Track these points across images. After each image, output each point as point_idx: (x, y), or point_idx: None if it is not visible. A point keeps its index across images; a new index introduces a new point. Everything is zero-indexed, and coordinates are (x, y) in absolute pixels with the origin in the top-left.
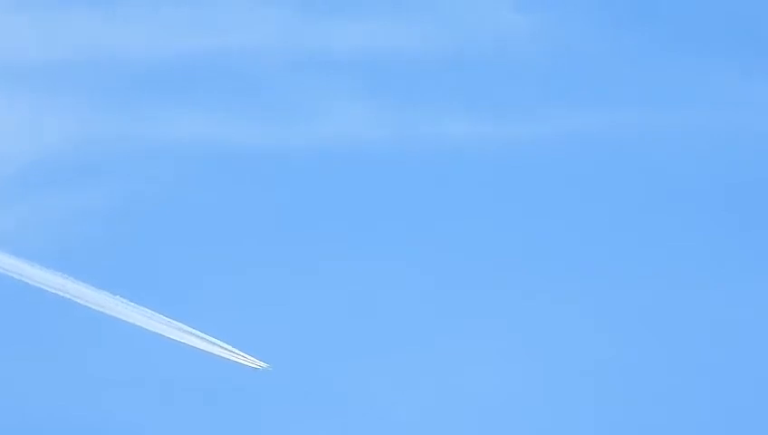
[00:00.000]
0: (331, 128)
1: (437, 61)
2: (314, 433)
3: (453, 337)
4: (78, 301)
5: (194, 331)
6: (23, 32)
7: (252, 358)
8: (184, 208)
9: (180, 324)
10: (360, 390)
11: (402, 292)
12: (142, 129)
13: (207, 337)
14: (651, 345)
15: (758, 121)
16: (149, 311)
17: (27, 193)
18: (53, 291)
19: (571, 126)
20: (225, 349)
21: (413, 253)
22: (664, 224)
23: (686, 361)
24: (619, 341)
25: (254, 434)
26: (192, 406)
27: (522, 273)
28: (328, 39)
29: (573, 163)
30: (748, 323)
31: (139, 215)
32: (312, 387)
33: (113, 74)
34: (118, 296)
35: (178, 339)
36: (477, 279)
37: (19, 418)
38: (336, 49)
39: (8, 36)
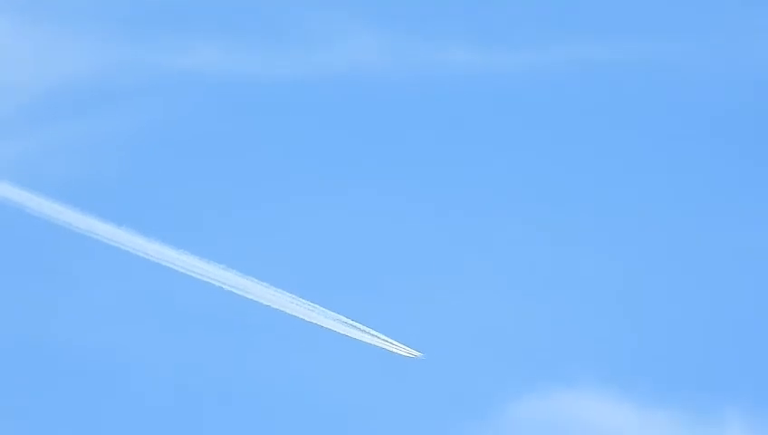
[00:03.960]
0: (340, 57)
1: None
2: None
3: (463, 267)
4: (93, 236)
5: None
6: None
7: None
8: (201, 137)
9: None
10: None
11: (413, 219)
12: (159, 58)
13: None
14: (664, 272)
15: (763, 49)
16: (161, 244)
17: (44, 122)
18: (71, 228)
19: (577, 55)
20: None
21: (422, 181)
22: (670, 151)
23: (701, 286)
24: (631, 266)
25: (262, 360)
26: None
27: (529, 202)
28: None
29: (579, 92)
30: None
31: (156, 144)
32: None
33: (131, 3)
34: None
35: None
36: (486, 208)
37: (36, 346)
38: None
39: None
